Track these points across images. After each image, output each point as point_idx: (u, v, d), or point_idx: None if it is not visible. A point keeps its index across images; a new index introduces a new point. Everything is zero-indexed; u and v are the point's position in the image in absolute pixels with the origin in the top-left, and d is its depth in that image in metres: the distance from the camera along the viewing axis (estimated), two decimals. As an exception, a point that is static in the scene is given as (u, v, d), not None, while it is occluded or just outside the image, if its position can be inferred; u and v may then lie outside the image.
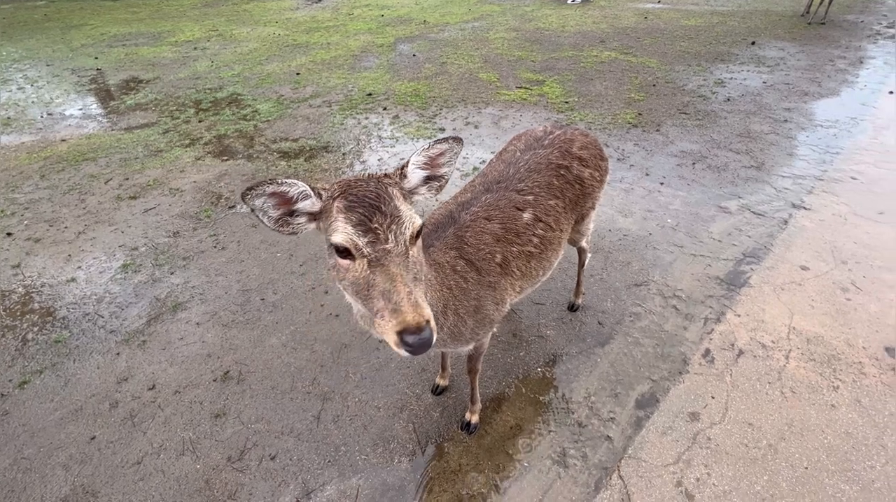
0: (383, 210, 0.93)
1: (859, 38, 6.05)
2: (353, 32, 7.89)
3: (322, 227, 1.01)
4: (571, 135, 1.61)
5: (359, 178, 1.00)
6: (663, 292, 2.37)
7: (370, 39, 7.38)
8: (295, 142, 4.13)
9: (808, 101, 4.35)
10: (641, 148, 3.71)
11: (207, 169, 3.74)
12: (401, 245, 0.93)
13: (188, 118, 4.72)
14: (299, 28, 8.37)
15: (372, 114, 4.65)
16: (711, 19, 7.23)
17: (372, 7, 9.90)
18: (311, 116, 4.65)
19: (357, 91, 5.24)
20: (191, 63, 6.53)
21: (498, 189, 1.43)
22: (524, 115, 4.37)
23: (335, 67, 6.08)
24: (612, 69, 5.40)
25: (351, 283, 0.96)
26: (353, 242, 0.91)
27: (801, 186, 3.13)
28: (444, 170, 1.10)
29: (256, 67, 6.21)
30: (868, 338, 2.06)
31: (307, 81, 5.63)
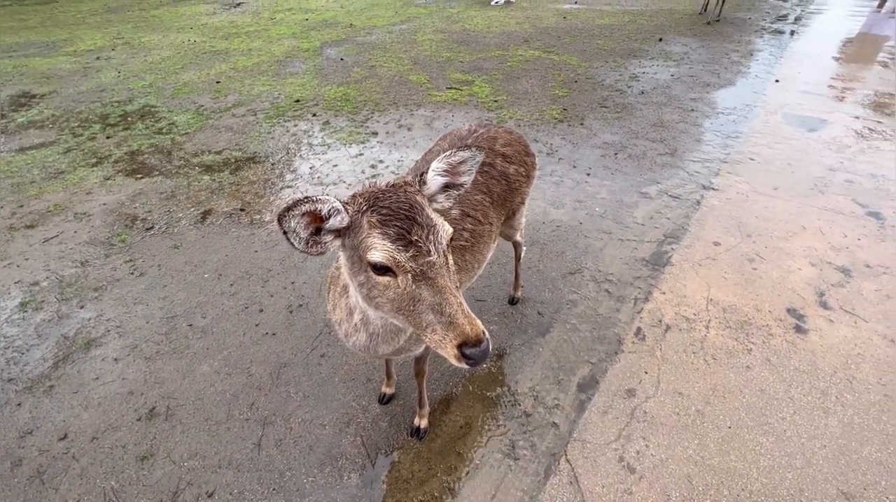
0: (419, 221, 0.89)
1: (749, 34, 6.72)
2: (276, 37, 7.59)
3: (350, 244, 0.94)
4: (495, 133, 1.64)
5: (383, 189, 0.94)
6: (596, 278, 2.48)
7: (295, 44, 7.13)
8: (218, 155, 3.90)
9: (710, 92, 4.77)
10: (568, 141, 3.88)
11: (119, 189, 3.42)
12: (442, 255, 0.90)
13: (94, 134, 4.30)
14: (217, 34, 7.92)
15: (301, 121, 4.50)
16: (623, 18, 7.73)
17: (295, 11, 9.58)
18: (234, 126, 4.41)
19: (284, 98, 5.04)
20: (93, 74, 5.97)
21: (422, 188, 1.42)
22: (456, 115, 4.42)
23: (259, 74, 5.81)
24: (536, 67, 5.61)
25: (391, 300, 0.90)
26: (395, 259, 0.86)
27: (709, 169, 3.41)
28: (463, 179, 1.06)
29: (171, 77, 5.80)
30: (773, 302, 2.29)
31: (229, 90, 5.33)
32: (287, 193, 3.33)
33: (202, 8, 10.29)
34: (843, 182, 3.19)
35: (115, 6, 10.81)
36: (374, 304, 0.95)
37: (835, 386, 1.89)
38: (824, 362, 1.98)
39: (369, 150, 3.86)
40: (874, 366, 1.96)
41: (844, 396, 1.85)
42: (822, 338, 2.09)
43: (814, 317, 2.20)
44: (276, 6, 10.20)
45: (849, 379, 1.91)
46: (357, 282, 0.96)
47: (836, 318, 2.19)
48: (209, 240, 2.86)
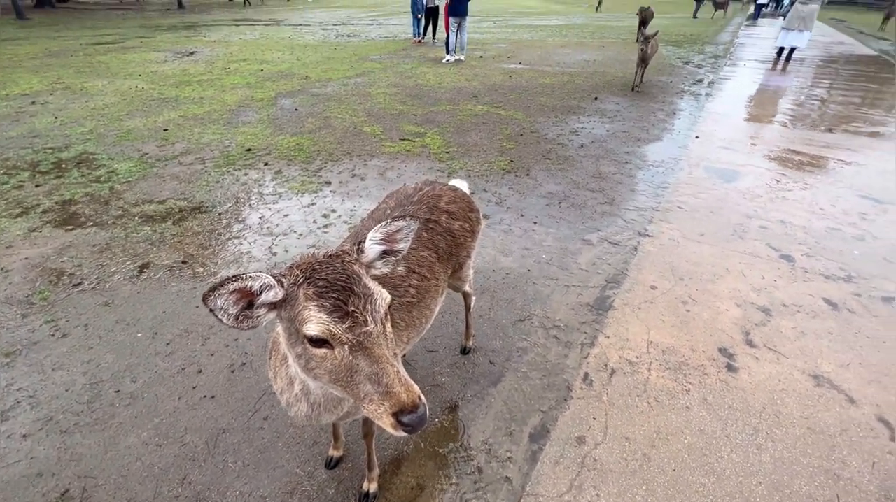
0: (356, 291, 0.90)
1: (671, 95, 7.54)
2: (229, 86, 7.63)
3: (286, 316, 0.93)
4: (440, 191, 1.72)
5: (321, 260, 0.95)
6: (545, 324, 2.56)
7: (249, 94, 7.19)
8: (161, 204, 3.76)
9: (640, 146, 5.24)
10: (516, 191, 4.08)
11: (45, 241, 3.19)
12: (379, 323, 0.90)
13: (20, 182, 4.03)
14: (168, 82, 7.85)
15: (252, 170, 4.46)
16: (563, 78, 8.46)
17: (250, 62, 9.73)
18: (181, 175, 4.30)
19: (235, 146, 5.01)
20: (26, 119, 5.68)
21: (368, 248, 1.44)
22: (408, 166, 4.56)
23: (210, 122, 5.77)
24: (485, 121, 5.96)
25: (328, 372, 0.90)
26: (331, 331, 0.86)
27: (643, 217, 3.69)
28: (400, 246, 1.08)
29: (114, 124, 5.62)
30: (706, 343, 2.44)
31: (177, 138, 5.23)
32: (234, 244, 3.24)
33: (153, 55, 10.23)
34: (759, 228, 3.55)
35: (56, 50, 10.53)
36: (313, 375, 0.94)
37: (765, 421, 2.01)
38: (754, 399, 2.12)
39: (322, 200, 3.87)
40: (797, 400, 2.11)
41: (774, 431, 1.97)
42: (751, 376, 2.24)
43: (742, 355, 2.37)
44: (231, 56, 10.32)
45: (776, 415, 2.04)
46: (295, 353, 0.95)
47: (761, 356, 2.36)
48: (145, 296, 2.70)
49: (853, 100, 7.63)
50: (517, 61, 10.13)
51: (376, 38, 14.00)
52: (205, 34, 14.13)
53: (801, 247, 3.30)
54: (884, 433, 1.96)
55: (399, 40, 13.41)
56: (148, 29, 15.27)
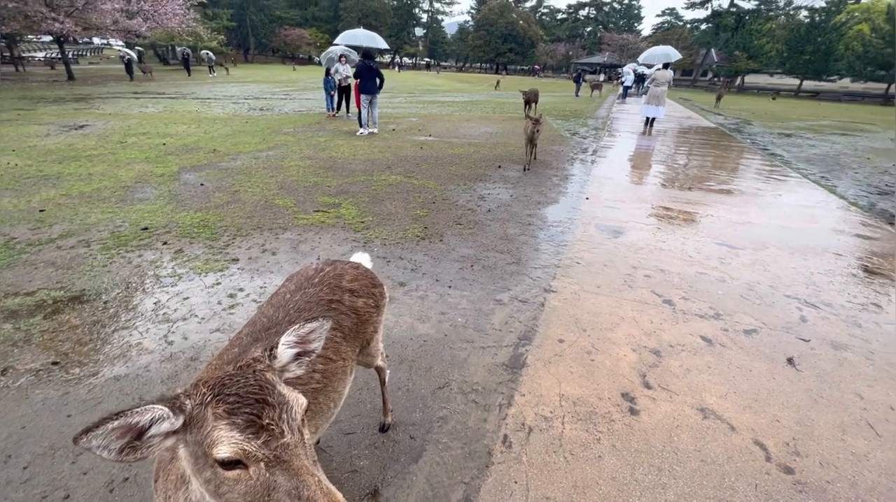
0: (270, 401, 0.84)
1: (563, 162, 8.55)
2: (125, 161, 7.17)
3: (192, 440, 0.84)
4: (341, 271, 1.75)
5: (230, 373, 0.88)
6: (463, 389, 2.58)
7: (148, 169, 6.81)
8: (30, 296, 3.29)
9: (541, 208, 5.79)
10: (430, 257, 4.23)
11: None
12: (296, 432, 0.84)
13: None
14: (49, 157, 7.17)
15: (148, 250, 4.13)
16: (469, 149, 9.22)
17: (151, 135, 9.31)
18: (58, 261, 3.83)
19: (128, 226, 4.63)
20: None
21: (268, 336, 1.40)
22: (323, 238, 4.54)
23: (98, 201, 5.31)
24: (399, 191, 6.21)
25: (243, 494, 0.81)
26: (245, 450, 0.79)
27: (547, 274, 4.01)
28: (314, 345, 1.05)
29: (-27, 206, 4.93)
30: (610, 389, 2.63)
31: (56, 218, 4.72)
32: (121, 336, 2.90)
33: (32, 129, 9.38)
34: (644, 277, 4.02)
35: None
36: (225, 500, 0.85)
37: (665, 460, 2.17)
38: (655, 439, 2.29)
39: (228, 279, 3.67)
40: (690, 434, 2.32)
41: (674, 469, 2.12)
42: (650, 417, 2.44)
43: (641, 397, 2.58)
44: (129, 130, 9.81)
45: (674, 452, 2.22)
46: (203, 478, 0.86)
47: (657, 396, 2.59)
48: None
49: (705, 163, 9.26)
50: (427, 134, 10.89)
51: (290, 111, 14.25)
52: (98, 107, 13.34)
53: (679, 292, 3.78)
54: (760, 455, 2.22)
55: (313, 114, 13.78)
56: (29, 101, 14.05)
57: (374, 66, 10.19)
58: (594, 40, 74.28)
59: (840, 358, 2.98)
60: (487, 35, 69.40)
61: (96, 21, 21.44)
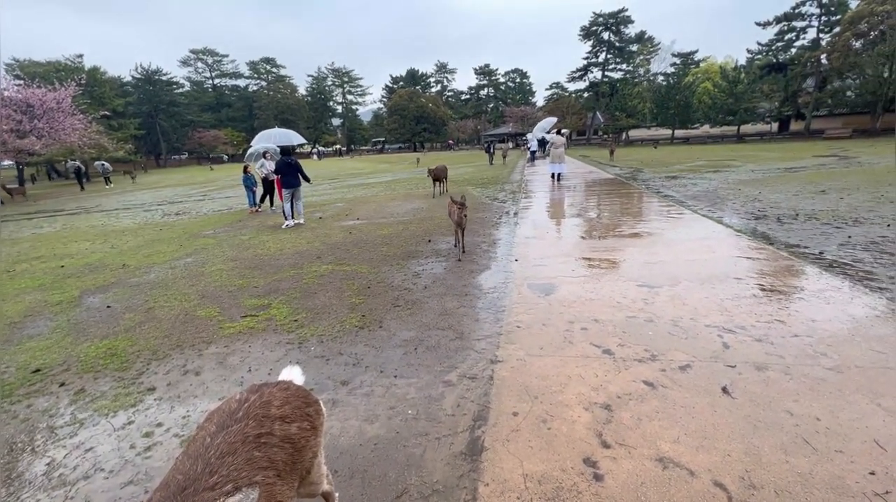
0: None
1: (489, 228, 8.99)
2: (12, 294, 6.37)
3: None
4: (268, 397, 1.61)
5: None
6: (423, 492, 2.39)
7: (41, 298, 6.08)
8: None
9: (475, 276, 5.94)
10: (371, 347, 4.08)
11: None
12: None
13: None
14: (-90, 303, 6.15)
15: (40, 396, 3.56)
16: (398, 227, 9.42)
17: (46, 259, 8.45)
18: (-85, 433, 3.15)
19: (14, 371, 4.00)
20: None
21: (185, 497, 1.22)
22: (253, 346, 4.23)
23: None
24: (331, 280, 6.08)
25: None
26: None
27: (491, 343, 4.01)
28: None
29: None
30: (571, 458, 2.57)
31: (-85, 379, 3.94)
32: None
33: None
34: (581, 330, 4.17)
35: None
36: None
37: (639, 526, 2.11)
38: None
39: (142, 414, 3.23)
40: (656, 490, 2.30)
41: (648, 533, 2.07)
42: (615, 479, 2.40)
43: (602, 459, 2.55)
44: (18, 256, 8.87)
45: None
46: None
47: (616, 455, 2.57)
48: None
49: (613, 211, 10.23)
50: (355, 217, 11.02)
51: (209, 212, 13.81)
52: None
53: (615, 339, 3.94)
54: (722, 496, 2.24)
55: (234, 212, 13.46)
56: None
57: (292, 161, 10.38)
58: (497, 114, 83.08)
59: (764, 378, 3.22)
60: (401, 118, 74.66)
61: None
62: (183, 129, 67.62)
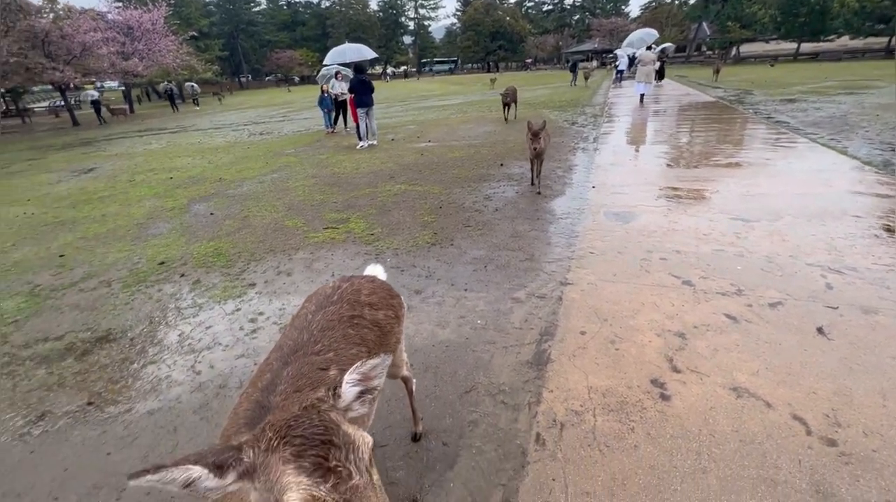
0: (336, 442, 0.82)
1: (565, 153, 8.50)
2: (136, 199, 7.33)
3: (261, 487, 0.82)
4: (358, 286, 1.76)
5: (295, 415, 0.87)
6: (490, 391, 2.58)
7: (158, 204, 6.95)
8: (59, 341, 3.37)
9: (548, 202, 5.76)
10: (443, 262, 4.24)
11: None
12: (364, 474, 0.82)
13: None
14: (62, 203, 7.37)
15: (167, 283, 4.21)
16: (470, 150, 9.23)
17: (158, 171, 9.51)
18: (82, 303, 3.93)
19: (145, 262, 4.73)
20: None
21: (296, 358, 1.42)
22: (335, 254, 4.58)
23: (114, 240, 5.44)
24: (405, 199, 6.24)
25: None
26: (314, 495, 0.77)
27: (562, 266, 3.98)
28: (376, 383, 1.03)
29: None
30: (638, 377, 2.60)
31: (76, 262, 4.84)
32: (150, 370, 2.96)
33: (44, 177, 9.64)
34: (660, 260, 3.97)
35: (-76, 187, 9.54)
36: None
37: (703, 444, 2.13)
38: (690, 423, 2.26)
39: (247, 304, 3.72)
40: (725, 415, 2.28)
41: (713, 451, 2.09)
42: (683, 401, 2.40)
43: (671, 382, 2.54)
44: (136, 168, 10.03)
45: (711, 434, 2.18)
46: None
47: (686, 379, 2.55)
48: (41, 455, 2.33)
49: (709, 138, 9.13)
50: (426, 140, 10.93)
51: (289, 132, 14.44)
52: (104, 149, 13.67)
53: (697, 271, 3.72)
54: (800, 429, 2.17)
55: (312, 133, 13.94)
56: (37, 150, 14.45)
57: (366, 79, 10.29)
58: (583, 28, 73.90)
59: (872, 322, 2.91)
60: (475, 35, 69.53)
61: (94, 66, 22.00)
62: (262, 51, 69.05)
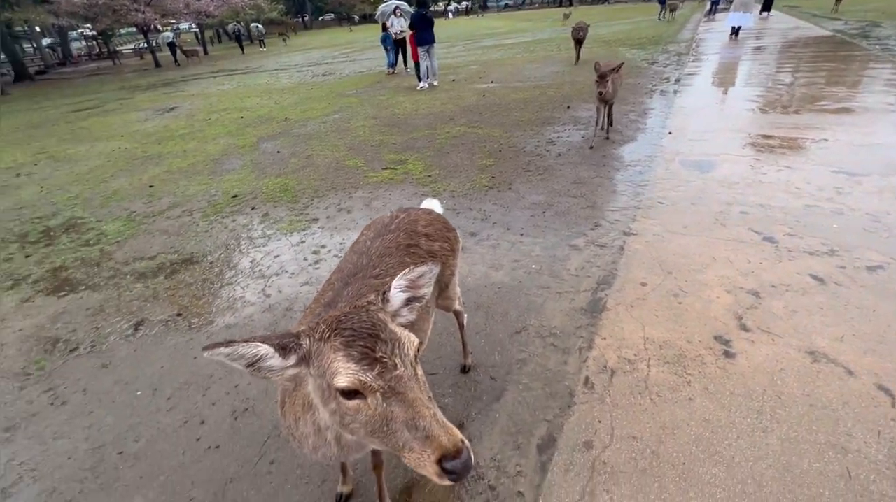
0: (383, 337, 0.90)
1: (641, 96, 7.76)
2: (211, 137, 7.77)
3: (315, 373, 0.93)
4: (415, 216, 1.77)
5: (346, 312, 0.95)
6: (541, 333, 2.58)
7: (231, 142, 7.33)
8: (152, 260, 3.79)
9: (616, 148, 5.36)
10: (500, 206, 4.15)
11: (38, 311, 3.20)
12: (409, 367, 0.90)
13: (10, 255, 4.06)
14: (150, 139, 7.99)
15: (240, 215, 4.52)
16: (534, 92, 8.69)
17: (230, 111, 9.94)
18: (169, 229, 4.34)
19: (221, 195, 5.08)
20: (12, 192, 5.75)
21: (356, 280, 1.48)
22: (393, 193, 4.64)
23: (194, 174, 5.86)
24: (463, 142, 6.09)
25: (364, 424, 0.88)
26: (361, 380, 0.85)
27: (626, 216, 3.76)
28: (424, 291, 1.09)
29: (100, 186, 5.70)
30: (701, 332, 2.47)
31: (163, 192, 5.30)
32: (227, 291, 3.26)
33: (133, 115, 10.44)
34: (739, 214, 3.62)
35: (38, 122, 10.71)
36: (350, 430, 0.94)
37: (767, 403, 2.02)
38: (754, 382, 2.13)
39: (311, 237, 3.92)
40: (796, 378, 2.13)
41: (777, 412, 1.97)
42: (749, 360, 2.26)
43: (738, 340, 2.39)
44: (211, 107, 10.54)
45: (778, 396, 2.05)
46: (329, 410, 0.95)
47: (756, 339, 2.38)
48: (143, 353, 2.70)
49: (816, 80, 7.88)
50: (489, 80, 10.41)
51: (351, 73, 14.36)
52: (183, 89, 14.45)
53: (783, 228, 3.36)
54: (885, 401, 1.97)
55: (373, 73, 13.77)
56: (127, 90, 15.60)
57: (427, 13, 9.79)
58: (674, -50, 64.30)
59: None
60: (549, -37, 63.03)
61: (171, 6, 22.83)
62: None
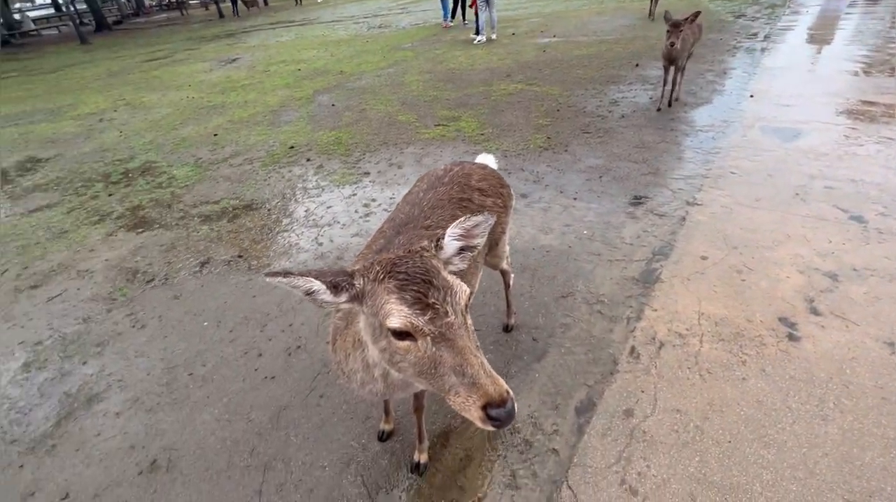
0: (436, 284, 0.92)
1: (721, 53, 7.00)
2: (270, 89, 7.94)
3: (368, 311, 0.97)
4: (469, 170, 1.73)
5: (401, 255, 0.98)
6: (588, 299, 2.52)
7: (288, 94, 7.46)
8: (216, 204, 4.03)
9: (688, 111, 4.93)
10: (554, 168, 4.00)
11: (121, 244, 3.53)
12: (460, 315, 0.92)
13: (96, 193, 4.46)
14: (214, 89, 8.29)
15: (295, 166, 4.66)
16: (600, 48, 8.07)
17: (288, 63, 10.05)
18: (231, 176, 4.57)
19: (279, 145, 5.24)
20: (96, 135, 6.23)
21: (407, 230, 1.49)
22: (444, 151, 4.58)
23: (254, 124, 6.06)
24: (519, 99, 5.83)
25: (413, 364, 0.92)
26: (413, 323, 0.88)
27: (692, 185, 3.50)
28: (477, 241, 1.09)
29: (170, 133, 6.05)
30: (763, 312, 2.31)
31: (226, 141, 5.55)
32: (283, 237, 3.42)
33: (199, 66, 10.82)
34: (824, 189, 3.27)
35: (116, 70, 11.38)
36: (398, 369, 0.97)
37: (832, 392, 1.88)
38: (819, 369, 1.99)
39: (362, 190, 3.99)
40: (869, 369, 1.96)
41: (842, 402, 1.84)
42: (816, 345, 2.10)
43: (805, 324, 2.22)
44: (270, 59, 10.70)
45: (845, 385, 1.91)
46: (379, 347, 0.98)
47: (827, 324, 2.20)
48: (208, 289, 2.93)
49: (940, 38, 6.73)
50: (551, 34, 9.77)
51: (406, 26, 13.97)
52: (244, 40, 14.73)
53: (875, 207, 3.00)
54: (975, 402, 1.79)
55: (429, 26, 13.32)
56: (193, 41, 16.13)
57: (491, -40, 9.18)
58: None
59: None
60: None
61: (234, -45, 22.92)
62: (383, -67, 64.98)
